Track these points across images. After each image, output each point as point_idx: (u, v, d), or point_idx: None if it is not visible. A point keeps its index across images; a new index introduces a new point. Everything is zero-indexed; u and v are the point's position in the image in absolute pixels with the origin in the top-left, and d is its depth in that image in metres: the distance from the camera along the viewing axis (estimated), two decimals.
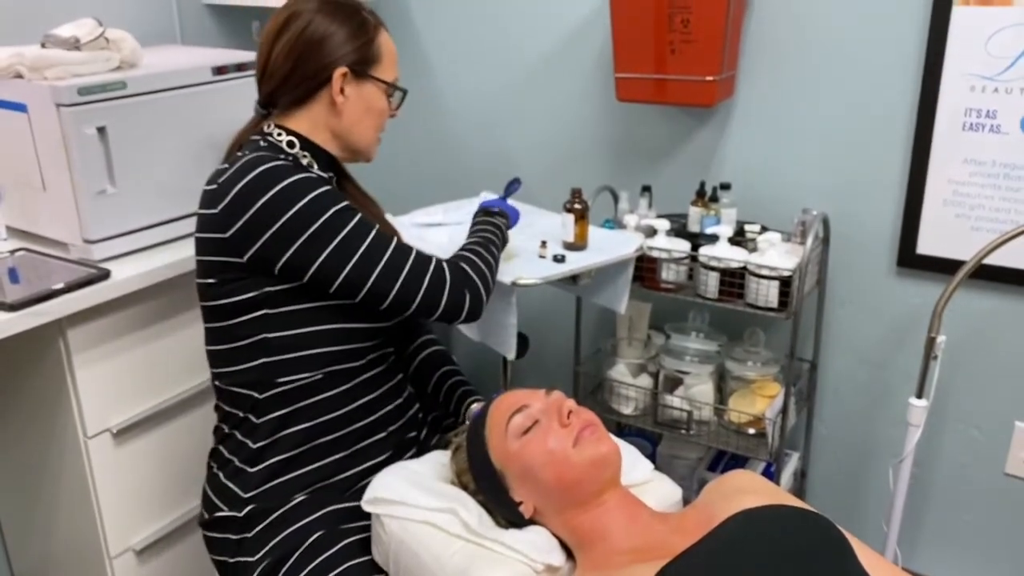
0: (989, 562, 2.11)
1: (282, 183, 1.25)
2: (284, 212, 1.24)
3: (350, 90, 1.38)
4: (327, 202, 1.27)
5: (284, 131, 1.39)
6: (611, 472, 1.21)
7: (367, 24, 1.39)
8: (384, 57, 1.40)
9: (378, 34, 1.40)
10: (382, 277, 1.28)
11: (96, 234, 1.67)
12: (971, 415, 2.04)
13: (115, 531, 1.75)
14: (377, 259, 1.29)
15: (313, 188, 1.27)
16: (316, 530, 1.32)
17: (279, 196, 1.24)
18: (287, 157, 1.36)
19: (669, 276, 2.01)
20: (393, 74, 1.43)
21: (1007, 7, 1.75)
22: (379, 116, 1.43)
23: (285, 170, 1.27)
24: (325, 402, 1.35)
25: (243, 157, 1.29)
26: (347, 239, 1.27)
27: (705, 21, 1.89)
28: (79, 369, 1.63)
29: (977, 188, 1.88)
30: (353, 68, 1.37)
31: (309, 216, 1.25)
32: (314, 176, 1.30)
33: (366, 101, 1.40)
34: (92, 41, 1.66)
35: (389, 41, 1.42)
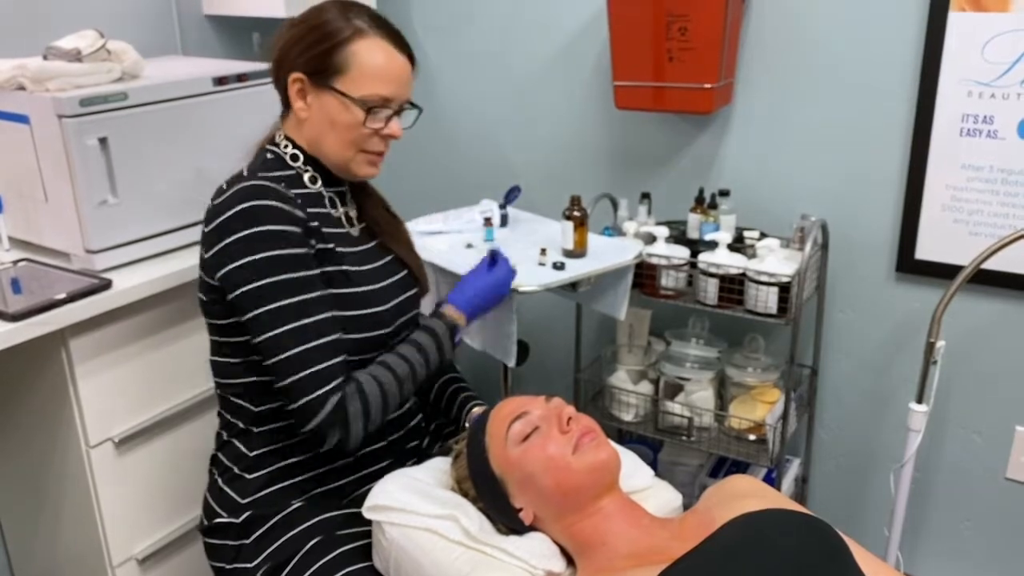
0: (990, 567, 2.11)
1: (249, 230, 1.23)
2: (238, 259, 1.24)
3: (312, 99, 1.32)
4: (273, 268, 1.23)
5: (290, 143, 1.38)
6: (610, 478, 1.21)
7: (338, 30, 1.29)
8: (354, 68, 1.29)
9: (352, 43, 1.28)
10: (284, 363, 1.24)
11: (98, 244, 1.68)
12: (971, 420, 2.04)
13: (117, 540, 1.75)
14: (283, 348, 1.23)
15: (271, 247, 1.23)
16: (313, 536, 1.32)
17: (242, 241, 1.23)
18: (284, 176, 1.34)
19: (669, 283, 2.01)
20: (369, 89, 1.30)
21: (1003, 13, 1.76)
22: (347, 130, 1.32)
23: (263, 212, 1.23)
24: None
25: (240, 180, 1.29)
26: (270, 313, 1.23)
27: (703, 29, 1.90)
28: (81, 379, 1.63)
29: (975, 193, 1.89)
30: (308, 75, 1.31)
31: (251, 274, 1.23)
32: (282, 230, 1.24)
33: (326, 113, 1.32)
34: (94, 53, 1.67)
35: (373, 52, 1.30)
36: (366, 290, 1.35)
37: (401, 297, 1.43)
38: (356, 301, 1.33)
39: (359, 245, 1.41)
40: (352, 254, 1.37)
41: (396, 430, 1.46)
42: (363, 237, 1.44)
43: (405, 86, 1.35)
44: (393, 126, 1.36)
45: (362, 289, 1.35)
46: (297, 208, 1.28)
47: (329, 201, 1.40)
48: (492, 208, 2.17)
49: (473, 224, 2.13)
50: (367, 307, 1.34)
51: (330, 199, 1.40)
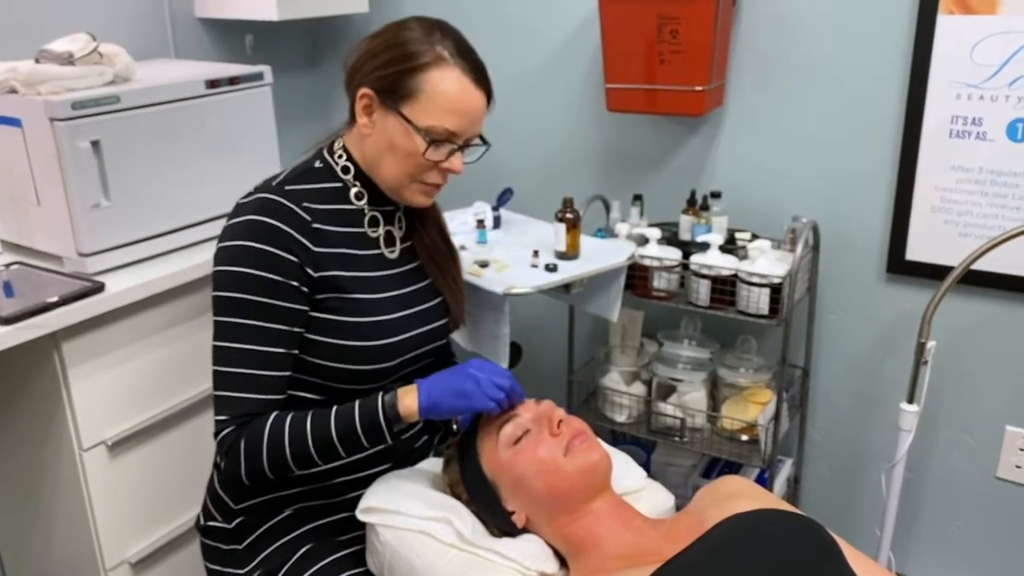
0: (982, 566, 2.12)
1: (242, 242, 1.22)
2: (221, 264, 1.24)
3: (377, 117, 1.28)
4: (246, 285, 1.21)
5: (347, 154, 1.34)
6: (602, 480, 1.22)
7: (416, 54, 1.23)
8: (424, 96, 1.24)
9: (428, 70, 1.23)
10: (216, 375, 1.23)
11: (90, 247, 1.68)
12: (962, 420, 2.05)
13: (111, 544, 1.74)
14: (221, 361, 1.23)
15: (253, 265, 1.21)
16: (305, 543, 1.32)
17: (232, 249, 1.23)
18: (326, 188, 1.32)
19: (661, 284, 2.02)
20: (437, 120, 1.24)
21: (991, 16, 1.77)
22: (406, 158, 1.27)
23: (263, 230, 1.22)
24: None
25: (267, 187, 1.28)
26: (226, 325, 1.23)
27: (694, 31, 1.90)
28: (74, 382, 1.62)
29: (964, 195, 1.90)
30: (378, 93, 1.26)
31: (227, 282, 1.23)
32: (273, 253, 1.22)
33: (388, 135, 1.27)
34: (86, 56, 1.67)
35: (447, 83, 1.24)
36: (368, 321, 1.30)
37: (420, 329, 1.37)
38: (354, 332, 1.29)
39: (390, 268, 1.37)
40: (369, 280, 1.32)
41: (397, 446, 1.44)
42: (402, 259, 1.40)
43: (475, 122, 1.29)
44: (454, 161, 1.30)
45: (364, 320, 1.30)
46: (307, 233, 1.25)
47: (370, 220, 1.36)
48: (485, 210, 2.17)
49: (466, 226, 2.13)
50: (365, 340, 1.29)
51: (371, 218, 1.36)
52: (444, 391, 1.22)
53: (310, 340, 1.27)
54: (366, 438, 1.23)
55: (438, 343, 1.43)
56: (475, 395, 1.21)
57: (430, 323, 1.40)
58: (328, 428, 1.22)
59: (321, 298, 1.27)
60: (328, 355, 1.28)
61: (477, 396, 1.21)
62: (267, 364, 1.23)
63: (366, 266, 1.33)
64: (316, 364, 1.29)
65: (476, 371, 1.23)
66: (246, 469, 1.23)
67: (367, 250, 1.34)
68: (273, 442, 1.21)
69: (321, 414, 1.23)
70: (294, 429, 1.22)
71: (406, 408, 1.22)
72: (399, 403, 1.22)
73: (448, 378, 1.24)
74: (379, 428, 1.22)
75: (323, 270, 1.26)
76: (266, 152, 2.00)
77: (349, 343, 1.28)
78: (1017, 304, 1.92)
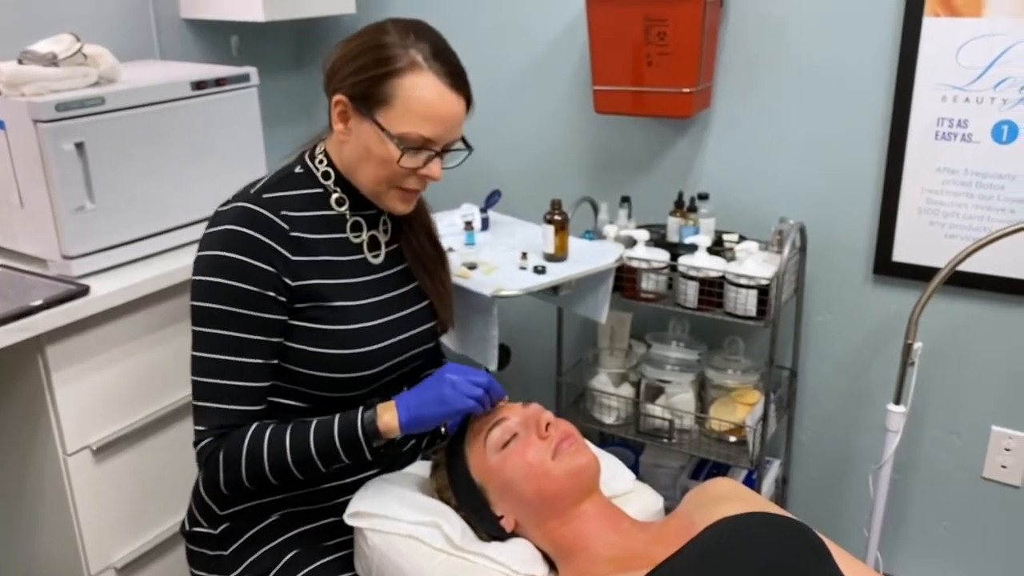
0: (968, 566, 2.13)
1: (219, 252, 1.21)
2: (198, 274, 1.23)
3: (353, 124, 1.25)
4: (222, 296, 1.20)
5: (326, 158, 1.32)
6: (590, 482, 1.22)
7: (390, 59, 1.21)
8: (398, 103, 1.21)
9: (402, 75, 1.20)
10: (194, 385, 1.23)
11: (75, 250, 1.66)
12: (949, 420, 2.06)
13: (96, 549, 1.73)
14: (198, 371, 1.22)
15: (229, 276, 1.20)
16: (292, 548, 1.31)
17: (209, 259, 1.22)
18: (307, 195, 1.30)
19: (649, 286, 2.02)
20: (411, 127, 1.22)
21: (976, 18, 1.78)
22: (382, 165, 1.25)
23: (239, 240, 1.21)
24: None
25: (245, 195, 1.26)
26: (202, 335, 1.22)
27: (681, 33, 1.91)
28: (58, 386, 1.61)
29: (951, 196, 1.91)
30: (352, 99, 1.24)
31: (203, 292, 1.22)
32: (249, 264, 1.20)
33: (364, 142, 1.25)
34: (70, 57, 1.66)
35: (422, 90, 1.21)
36: (348, 329, 1.28)
37: (405, 334, 1.36)
38: (334, 340, 1.27)
39: (374, 273, 1.35)
40: (350, 287, 1.31)
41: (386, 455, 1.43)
42: (387, 263, 1.38)
43: (452, 128, 1.26)
44: (432, 168, 1.27)
45: (344, 328, 1.28)
46: (285, 243, 1.23)
47: (352, 225, 1.34)
48: (473, 212, 2.17)
49: (454, 228, 2.13)
50: (345, 348, 1.28)
51: (354, 223, 1.34)
52: (422, 401, 1.21)
53: (291, 349, 1.26)
54: (345, 454, 1.22)
55: (425, 347, 1.42)
56: (454, 398, 1.20)
57: (415, 328, 1.38)
58: (307, 443, 1.21)
59: (300, 307, 1.26)
60: (309, 363, 1.27)
61: (456, 398, 1.20)
62: (245, 375, 1.23)
63: (348, 272, 1.31)
64: (298, 372, 1.28)
65: (451, 374, 1.22)
66: (225, 480, 1.23)
67: (349, 256, 1.33)
68: (252, 455, 1.21)
69: (301, 428, 1.22)
70: (273, 443, 1.21)
71: (385, 425, 1.21)
72: (379, 419, 1.21)
73: (424, 388, 1.23)
74: (358, 444, 1.21)
75: (302, 279, 1.25)
76: (252, 154, 1.99)
77: (329, 351, 1.27)
78: (1003, 305, 1.93)
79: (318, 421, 1.23)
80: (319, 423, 1.22)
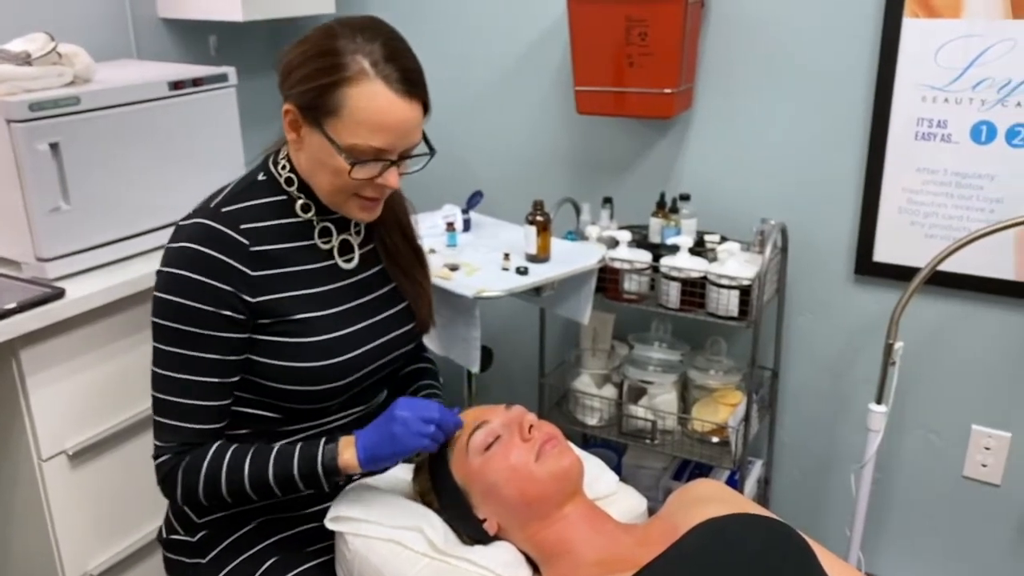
0: (949, 564, 2.14)
1: (175, 269, 1.18)
2: (156, 290, 1.21)
3: (304, 133, 1.20)
4: (177, 315, 1.18)
5: (289, 164, 1.26)
6: (574, 485, 1.21)
7: (336, 67, 1.14)
8: (346, 113, 1.15)
9: (348, 85, 1.13)
10: (153, 401, 1.23)
11: (50, 252, 1.64)
12: (929, 420, 2.07)
13: (72, 556, 1.71)
14: (156, 388, 1.21)
15: (184, 295, 1.17)
16: (271, 555, 1.29)
17: (166, 275, 1.19)
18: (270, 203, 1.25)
19: (631, 287, 2.02)
20: (360, 138, 1.15)
21: (955, 19, 1.79)
22: (335, 175, 1.19)
23: (194, 259, 1.17)
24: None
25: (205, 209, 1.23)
26: (159, 352, 1.20)
27: (662, 34, 1.91)
28: (33, 391, 1.59)
29: (930, 196, 1.92)
30: (300, 109, 1.18)
31: (160, 309, 1.20)
32: (205, 283, 1.17)
33: (315, 152, 1.20)
34: (44, 56, 1.64)
35: (369, 100, 1.14)
36: (316, 341, 1.24)
37: (379, 340, 1.32)
38: (302, 353, 1.24)
39: (346, 279, 1.31)
40: (319, 296, 1.27)
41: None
42: (361, 266, 1.34)
43: (406, 135, 1.19)
44: (388, 177, 1.20)
45: (312, 340, 1.24)
46: (244, 259, 1.20)
47: (321, 231, 1.29)
48: (455, 213, 2.16)
49: (436, 229, 2.12)
50: (313, 360, 1.24)
51: (322, 229, 1.29)
52: (377, 440, 1.19)
53: (259, 363, 1.23)
54: (304, 485, 1.21)
55: (403, 350, 1.39)
56: (404, 436, 1.17)
57: (392, 332, 1.35)
58: (266, 472, 1.20)
59: (264, 323, 1.22)
60: (278, 377, 1.24)
61: (406, 437, 1.17)
62: (203, 394, 1.21)
63: (317, 281, 1.28)
64: (269, 386, 1.25)
65: (401, 411, 1.19)
66: (182, 497, 1.23)
67: (319, 263, 1.29)
68: (209, 478, 1.20)
69: (261, 455, 1.21)
70: (232, 467, 1.20)
71: (345, 462, 1.19)
72: (339, 456, 1.19)
73: (378, 427, 1.20)
74: (317, 479, 1.20)
75: (263, 295, 1.21)
76: (230, 155, 1.97)
77: (298, 364, 1.24)
78: (983, 304, 1.94)
79: (278, 450, 1.21)
80: (279, 453, 1.21)
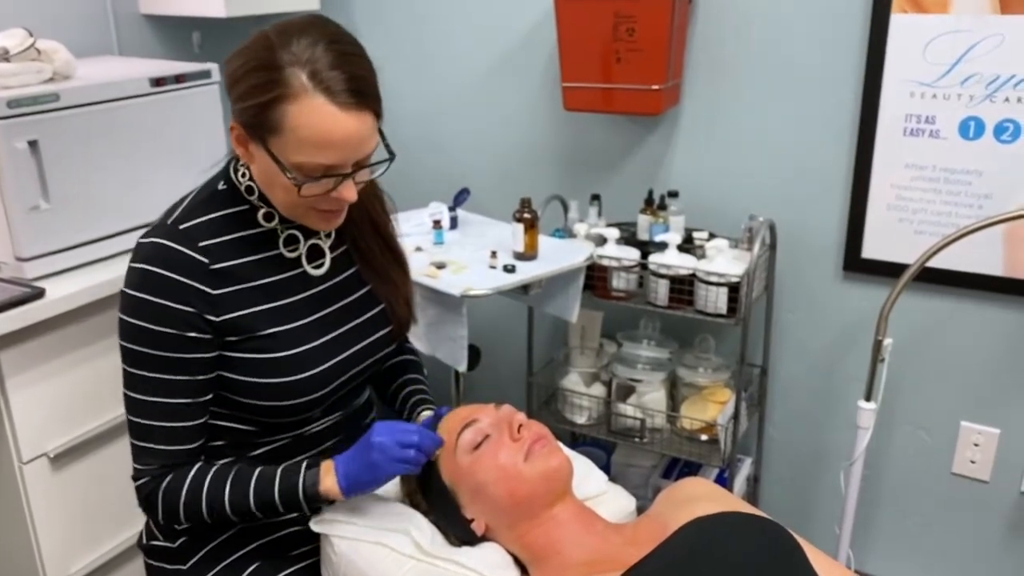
0: (939, 561, 2.14)
1: (134, 292, 1.14)
2: (120, 311, 1.17)
3: (253, 149, 1.13)
4: (140, 338, 1.14)
5: (248, 171, 1.20)
6: (563, 485, 1.20)
7: (272, 83, 1.05)
8: (288, 132, 1.06)
9: (286, 102, 1.05)
10: (129, 423, 1.20)
11: (29, 251, 1.62)
12: (918, 416, 2.07)
13: (53, 560, 1.69)
14: (129, 410, 1.19)
15: (144, 318, 1.13)
16: (254, 561, 1.28)
17: (127, 297, 1.15)
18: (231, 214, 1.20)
19: (620, 284, 2.01)
20: (305, 156, 1.07)
21: (943, 15, 1.79)
22: (287, 191, 1.12)
23: (151, 281, 1.14)
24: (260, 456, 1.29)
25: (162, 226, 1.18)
26: (128, 374, 1.17)
27: (650, 30, 1.90)
28: (12, 392, 1.57)
29: (919, 192, 1.91)
30: (243, 126, 1.12)
31: (124, 331, 1.17)
32: (164, 306, 1.13)
33: (264, 167, 1.13)
34: (22, 52, 1.61)
35: (310, 116, 1.05)
36: (287, 356, 1.20)
37: (355, 347, 1.28)
38: (272, 369, 1.20)
39: (317, 286, 1.26)
40: (288, 308, 1.22)
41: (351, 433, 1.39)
42: (334, 270, 1.28)
43: (356, 149, 1.10)
44: (344, 191, 1.13)
45: (282, 355, 1.20)
46: (205, 279, 1.15)
47: (287, 239, 1.24)
48: (441, 211, 2.15)
49: (422, 227, 2.11)
50: (285, 375, 1.20)
51: (288, 237, 1.24)
52: (357, 468, 1.16)
53: (231, 380, 1.20)
54: (285, 510, 1.19)
55: (382, 354, 1.34)
56: (383, 463, 1.14)
57: (367, 338, 1.31)
58: (247, 499, 1.18)
59: (233, 340, 1.19)
60: (251, 393, 1.21)
61: (385, 463, 1.15)
62: (177, 416, 1.18)
63: (284, 292, 1.23)
64: (241, 402, 1.22)
65: (378, 437, 1.16)
66: (163, 518, 1.21)
67: (285, 272, 1.24)
68: (190, 503, 1.18)
69: (241, 481, 1.18)
70: (211, 492, 1.18)
71: (327, 489, 1.17)
72: (320, 483, 1.17)
73: (356, 454, 1.17)
74: (299, 506, 1.18)
75: (228, 313, 1.17)
76: (213, 152, 1.92)
77: (270, 380, 1.20)
78: (971, 301, 1.94)
79: (259, 475, 1.19)
80: (259, 478, 1.18)
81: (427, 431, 1.19)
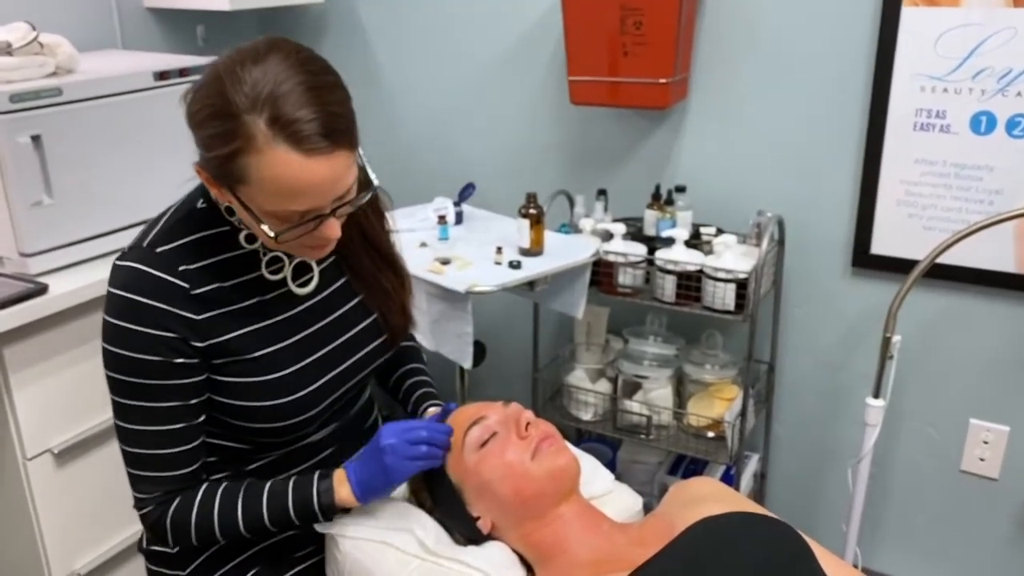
0: (947, 559, 2.13)
1: (112, 319, 1.10)
2: (102, 338, 1.12)
3: (224, 193, 1.05)
4: (121, 366, 1.10)
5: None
6: (570, 484, 1.19)
7: (230, 133, 0.96)
8: (255, 183, 0.98)
9: (247, 155, 0.96)
10: (122, 453, 1.17)
11: (32, 247, 1.62)
12: (927, 414, 2.05)
13: (58, 555, 1.69)
14: (122, 440, 1.15)
15: (124, 346, 1.09)
16: (255, 565, 1.27)
17: (107, 325, 1.10)
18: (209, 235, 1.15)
19: (626, 280, 2.00)
20: (276, 206, 1.00)
21: (954, 8, 1.77)
22: (264, 235, 1.05)
23: (128, 308, 1.09)
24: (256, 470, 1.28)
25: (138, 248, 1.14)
26: (116, 404, 1.14)
27: (657, 23, 1.88)
28: (16, 389, 1.57)
29: (929, 188, 1.90)
30: (210, 174, 1.04)
31: (107, 360, 1.12)
32: (143, 333, 1.08)
33: (239, 211, 1.06)
34: (25, 46, 1.61)
35: (275, 168, 0.96)
36: (274, 378, 1.17)
37: (347, 363, 1.24)
38: (261, 392, 1.16)
39: (303, 303, 1.21)
40: (273, 328, 1.18)
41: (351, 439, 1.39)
42: (323, 284, 1.24)
43: (331, 191, 1.02)
44: (325, 230, 1.05)
45: (270, 377, 1.16)
46: (186, 304, 1.10)
47: (269, 260, 1.18)
48: (446, 206, 2.14)
49: (427, 222, 2.10)
50: (275, 398, 1.17)
51: (272, 258, 1.18)
52: (370, 475, 1.14)
53: (220, 403, 1.17)
54: (301, 523, 1.18)
55: (376, 364, 1.31)
56: (396, 465, 1.13)
57: (360, 351, 1.27)
58: (260, 516, 1.16)
59: (219, 363, 1.15)
60: (241, 417, 1.18)
61: (399, 465, 1.13)
62: (173, 442, 1.15)
63: (270, 312, 1.18)
64: (233, 424, 1.20)
65: (387, 439, 1.14)
66: (174, 543, 1.20)
67: (271, 292, 1.19)
68: (201, 526, 1.16)
69: (252, 495, 1.16)
70: (224, 513, 1.16)
71: (343, 499, 1.15)
72: (335, 493, 1.15)
73: (369, 460, 1.15)
74: (315, 517, 1.17)
75: (212, 338, 1.13)
76: None
77: (259, 404, 1.17)
78: (981, 297, 1.92)
79: (270, 491, 1.16)
80: (271, 493, 1.16)
81: (435, 424, 1.18)
